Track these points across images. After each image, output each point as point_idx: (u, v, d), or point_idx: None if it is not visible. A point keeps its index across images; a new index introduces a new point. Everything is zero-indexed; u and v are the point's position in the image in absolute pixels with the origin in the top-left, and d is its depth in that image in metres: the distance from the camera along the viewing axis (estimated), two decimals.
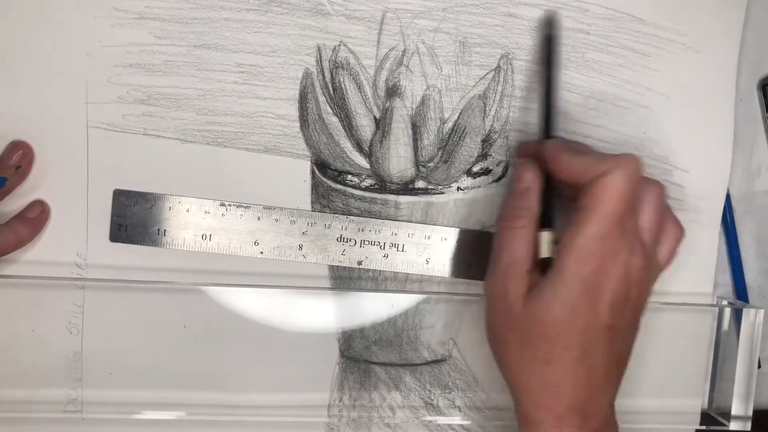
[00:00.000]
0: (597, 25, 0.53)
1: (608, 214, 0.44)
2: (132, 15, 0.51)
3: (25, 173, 0.51)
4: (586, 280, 0.44)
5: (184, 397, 0.54)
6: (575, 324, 0.45)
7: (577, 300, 0.45)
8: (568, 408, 0.46)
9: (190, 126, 0.52)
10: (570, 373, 0.45)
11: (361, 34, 0.52)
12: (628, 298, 0.46)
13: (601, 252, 0.44)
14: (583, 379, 0.46)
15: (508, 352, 0.47)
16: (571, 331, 0.45)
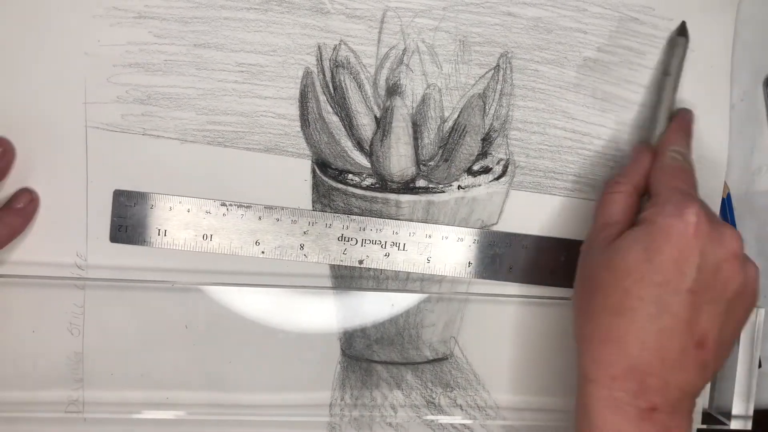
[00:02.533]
0: (594, 24, 0.53)
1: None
2: (131, 14, 0.50)
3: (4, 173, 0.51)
4: (673, 231, 0.43)
5: (185, 397, 0.54)
6: (653, 276, 0.43)
7: (659, 249, 0.43)
8: (627, 369, 0.43)
9: (190, 126, 0.52)
10: (638, 330, 0.43)
11: (361, 33, 0.52)
12: (718, 275, 0.44)
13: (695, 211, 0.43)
14: (652, 342, 0.43)
15: (580, 300, 0.46)
16: (648, 283, 0.43)
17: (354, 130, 0.53)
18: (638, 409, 0.43)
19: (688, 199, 0.45)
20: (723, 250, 0.44)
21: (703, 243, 0.43)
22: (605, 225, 0.47)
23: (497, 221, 0.54)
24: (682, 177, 0.48)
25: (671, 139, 0.50)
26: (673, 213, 0.44)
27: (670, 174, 0.48)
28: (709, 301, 0.44)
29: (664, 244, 0.43)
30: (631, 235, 0.45)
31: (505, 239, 0.54)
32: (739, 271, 0.44)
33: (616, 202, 0.48)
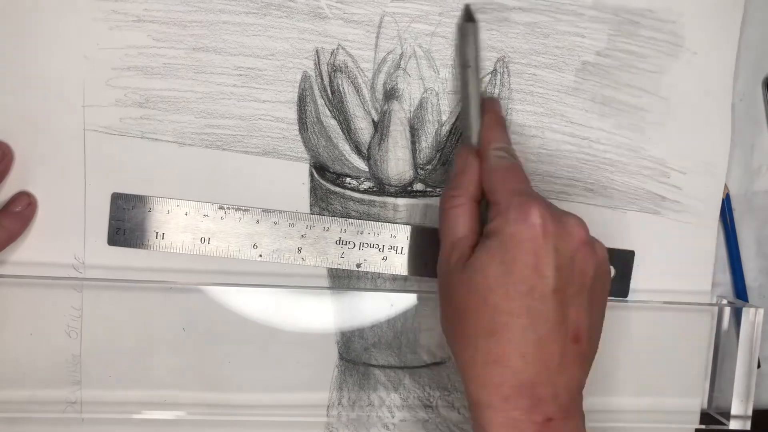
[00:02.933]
0: (593, 28, 0.53)
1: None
2: (130, 18, 0.51)
3: (2, 176, 0.51)
4: (524, 238, 0.43)
5: (183, 398, 0.54)
6: (517, 287, 0.42)
7: (515, 259, 0.43)
8: (516, 387, 0.43)
9: (189, 129, 0.52)
10: (516, 344, 0.42)
11: (359, 37, 0.52)
12: (575, 267, 0.44)
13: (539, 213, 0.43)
14: (533, 353, 0.42)
15: (452, 327, 0.45)
16: (513, 295, 0.42)
17: (352, 134, 0.53)
18: (534, 423, 0.43)
19: (527, 200, 0.44)
20: (572, 241, 0.44)
21: (554, 241, 0.43)
22: (454, 243, 0.46)
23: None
24: (513, 176, 0.47)
25: (489, 137, 0.49)
26: (518, 219, 0.43)
27: (501, 176, 0.47)
28: (573, 294, 0.44)
29: (518, 254, 0.43)
30: (484, 252, 0.44)
31: None
32: (591, 255, 0.44)
33: (458, 216, 0.47)
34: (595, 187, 0.55)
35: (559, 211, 0.45)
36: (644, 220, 0.55)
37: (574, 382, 0.44)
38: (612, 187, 0.55)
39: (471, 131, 0.50)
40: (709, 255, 0.56)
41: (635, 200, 0.55)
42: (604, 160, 0.55)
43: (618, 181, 0.55)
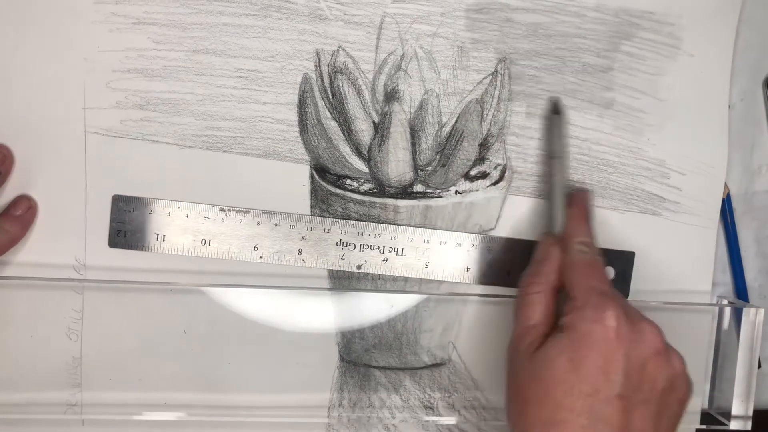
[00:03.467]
0: (594, 29, 0.53)
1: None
2: (130, 20, 0.51)
3: (3, 179, 0.51)
4: (596, 339, 0.44)
5: (184, 399, 0.54)
6: (581, 386, 0.43)
7: (584, 359, 0.43)
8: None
9: (189, 131, 0.52)
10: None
11: (359, 38, 0.52)
12: (645, 375, 0.44)
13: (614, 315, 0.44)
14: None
15: (514, 410, 0.46)
16: (577, 394, 0.43)
17: (352, 136, 0.53)
18: None
19: (605, 300, 0.45)
20: (645, 348, 0.44)
21: (626, 345, 0.44)
22: (527, 329, 0.47)
23: (495, 226, 0.54)
24: (593, 273, 0.48)
25: (573, 230, 0.50)
26: (593, 318, 0.44)
27: (581, 271, 0.48)
28: (639, 402, 0.44)
29: (588, 353, 0.43)
30: (555, 345, 0.45)
31: (503, 244, 0.54)
32: (664, 366, 0.45)
33: (534, 303, 0.48)
34: (595, 188, 0.55)
35: (636, 316, 0.45)
36: (644, 221, 0.56)
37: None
38: (611, 188, 0.55)
39: (555, 220, 0.51)
40: (709, 255, 0.56)
41: (635, 201, 0.55)
42: (604, 161, 0.55)
43: (617, 182, 0.55)
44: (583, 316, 0.45)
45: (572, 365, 0.43)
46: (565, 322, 0.45)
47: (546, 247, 0.50)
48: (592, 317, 0.44)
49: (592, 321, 0.44)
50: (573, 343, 0.44)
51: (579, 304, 0.45)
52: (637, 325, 0.45)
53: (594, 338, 0.44)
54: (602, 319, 0.44)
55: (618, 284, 0.55)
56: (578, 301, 0.46)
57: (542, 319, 0.47)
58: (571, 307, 0.46)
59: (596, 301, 0.45)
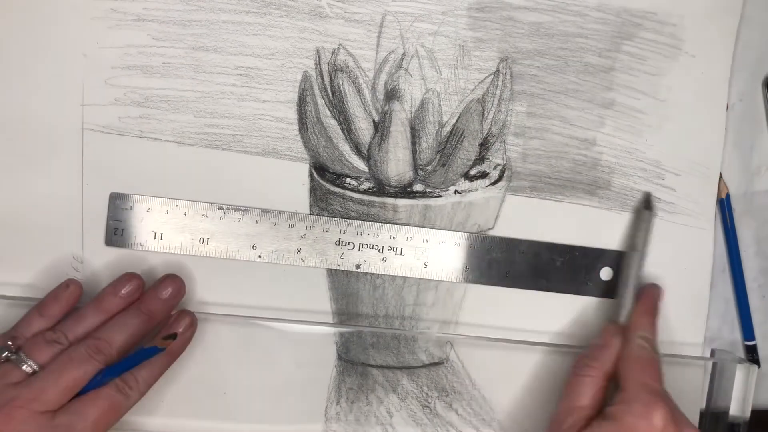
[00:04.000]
0: (595, 29, 0.53)
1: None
2: (130, 16, 0.50)
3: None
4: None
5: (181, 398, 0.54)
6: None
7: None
8: None
9: (188, 129, 0.52)
10: None
11: (360, 37, 0.52)
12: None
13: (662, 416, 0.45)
14: None
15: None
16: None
17: (352, 134, 0.52)
18: None
19: (655, 399, 0.45)
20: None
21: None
22: (572, 409, 0.48)
23: (494, 226, 0.54)
24: (650, 370, 0.48)
25: (638, 324, 0.51)
26: (641, 414, 0.45)
27: (638, 366, 0.48)
28: None
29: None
30: (599, 427, 0.45)
31: (501, 244, 0.54)
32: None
33: (586, 385, 0.49)
34: (592, 188, 0.55)
35: (683, 421, 0.46)
36: None
37: None
38: (609, 189, 0.55)
39: (623, 311, 0.52)
40: (705, 257, 0.56)
41: (631, 201, 0.55)
42: (602, 161, 0.55)
43: (615, 183, 0.55)
44: (631, 409, 0.45)
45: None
46: (612, 412, 0.46)
47: (608, 334, 0.51)
48: (639, 412, 0.45)
49: (640, 416, 0.45)
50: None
51: (629, 397, 0.46)
52: (682, 429, 0.45)
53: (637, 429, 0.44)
54: (650, 416, 0.45)
55: (616, 285, 0.55)
56: (629, 394, 0.46)
57: (590, 403, 0.48)
58: (621, 399, 0.46)
59: (647, 398, 0.46)
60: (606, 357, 0.50)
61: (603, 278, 0.55)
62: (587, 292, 0.55)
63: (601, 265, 0.55)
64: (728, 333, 0.58)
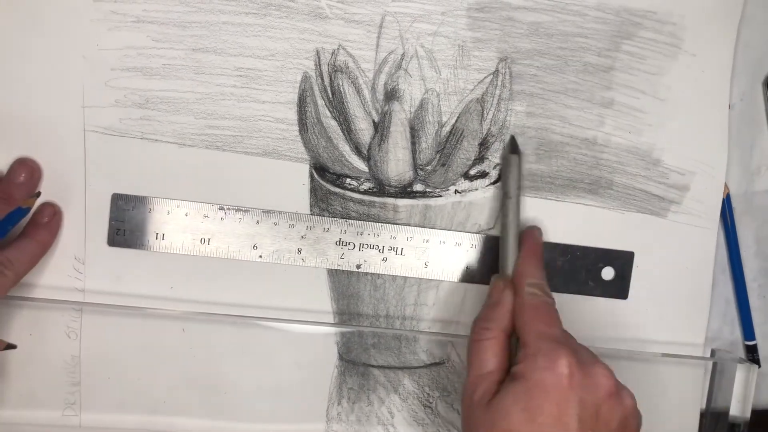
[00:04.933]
0: (595, 29, 0.53)
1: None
2: (130, 18, 0.50)
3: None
4: (549, 387, 0.43)
5: (183, 397, 0.54)
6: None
7: (539, 408, 0.43)
8: None
9: (189, 130, 0.52)
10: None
11: (360, 37, 0.52)
12: (600, 418, 0.44)
13: (567, 362, 0.44)
14: None
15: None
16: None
17: (352, 135, 0.53)
18: None
19: (557, 347, 0.45)
20: (599, 392, 0.44)
21: (579, 392, 0.43)
22: (480, 378, 0.46)
23: (494, 226, 0.54)
24: (545, 317, 0.48)
25: (524, 271, 0.50)
26: (545, 366, 0.44)
27: (532, 315, 0.47)
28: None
29: (542, 402, 0.43)
30: (508, 395, 0.44)
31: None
32: (617, 407, 0.45)
33: (488, 349, 0.47)
34: (594, 188, 0.55)
35: (588, 360, 0.45)
36: (643, 221, 0.55)
37: None
38: (611, 188, 0.55)
39: (507, 261, 0.51)
40: (708, 256, 0.56)
41: (634, 201, 0.55)
42: (603, 161, 0.55)
43: (617, 182, 0.55)
44: (535, 364, 0.44)
45: (527, 415, 0.43)
46: (518, 371, 0.45)
47: (497, 290, 0.50)
48: (544, 365, 0.44)
49: (545, 369, 0.44)
50: (527, 393, 0.44)
51: (531, 352, 0.45)
52: (589, 369, 0.44)
53: (547, 387, 0.43)
54: (554, 367, 0.44)
55: (617, 284, 0.55)
56: (530, 348, 0.45)
57: (496, 366, 0.47)
58: (524, 355, 0.45)
59: (547, 348, 0.45)
60: (500, 314, 0.48)
61: (604, 278, 0.55)
62: (588, 291, 0.55)
63: (603, 265, 0.55)
64: (728, 333, 0.58)
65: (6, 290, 0.48)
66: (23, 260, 0.49)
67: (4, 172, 0.50)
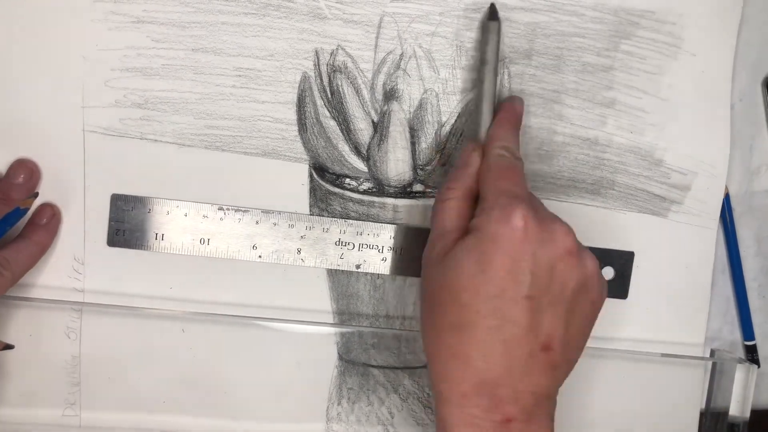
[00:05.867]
0: (593, 29, 0.53)
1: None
2: (129, 19, 0.51)
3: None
4: (502, 239, 0.42)
5: (183, 398, 0.54)
6: (488, 287, 0.42)
7: (491, 260, 0.42)
8: (476, 385, 0.42)
9: (188, 130, 0.52)
10: (480, 344, 0.42)
11: (358, 38, 0.52)
12: (555, 275, 0.43)
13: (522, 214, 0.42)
14: (496, 354, 0.42)
15: (424, 316, 0.45)
16: (483, 296, 0.42)
17: (351, 135, 0.53)
18: (493, 422, 0.42)
19: (513, 201, 0.43)
20: (555, 249, 0.43)
21: (534, 246, 0.42)
22: (440, 235, 0.46)
23: None
24: (509, 175, 0.46)
25: (496, 135, 0.49)
26: (500, 219, 0.42)
27: (497, 174, 0.46)
28: (548, 303, 0.43)
29: (494, 254, 0.42)
30: (462, 247, 0.43)
31: None
32: (575, 267, 0.43)
33: (450, 209, 0.46)
34: (595, 188, 0.55)
35: (548, 217, 0.44)
36: (644, 221, 0.55)
37: (540, 387, 0.43)
38: (612, 188, 0.55)
39: (481, 128, 0.50)
40: (708, 256, 0.56)
41: (635, 201, 0.55)
42: (604, 161, 0.55)
43: (618, 182, 0.55)
44: (490, 217, 0.43)
45: (479, 267, 0.42)
46: (473, 224, 0.44)
47: (466, 152, 0.48)
48: (498, 218, 0.43)
49: (499, 222, 0.42)
50: (480, 245, 0.42)
51: (487, 206, 0.44)
52: (547, 225, 0.43)
53: (501, 239, 0.42)
54: (509, 219, 0.42)
55: (618, 284, 0.55)
56: (488, 203, 0.44)
57: (456, 225, 0.46)
58: (480, 210, 0.44)
59: (505, 202, 0.43)
60: (465, 175, 0.47)
61: (605, 278, 0.55)
62: None
63: (603, 265, 0.55)
64: (728, 333, 0.58)
65: (4, 290, 0.48)
66: (21, 261, 0.49)
67: (3, 172, 0.51)
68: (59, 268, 0.52)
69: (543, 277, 0.42)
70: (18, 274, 0.49)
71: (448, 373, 0.43)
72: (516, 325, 0.42)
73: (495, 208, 0.43)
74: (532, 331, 0.42)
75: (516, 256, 0.42)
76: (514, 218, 0.42)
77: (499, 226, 0.42)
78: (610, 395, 0.56)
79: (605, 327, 0.55)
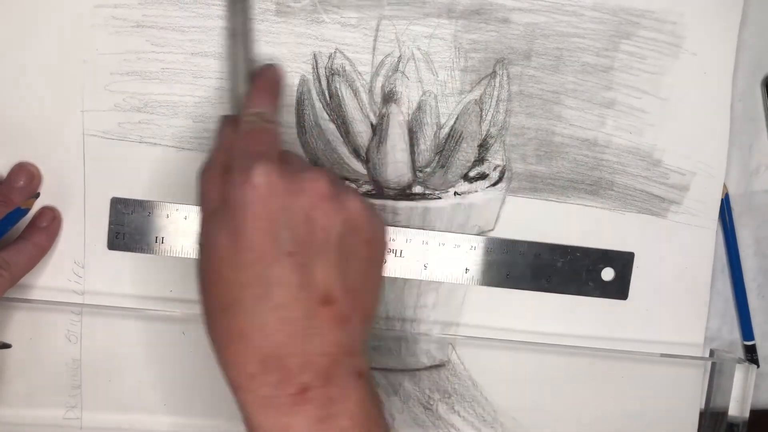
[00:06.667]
0: (593, 29, 0.53)
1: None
2: (129, 23, 0.51)
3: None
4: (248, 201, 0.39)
5: (184, 400, 0.54)
6: (245, 255, 0.39)
7: (242, 226, 0.39)
8: (260, 363, 0.39)
9: (187, 133, 0.52)
10: (253, 317, 0.39)
11: (356, 41, 0.52)
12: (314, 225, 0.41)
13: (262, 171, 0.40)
14: (272, 323, 0.39)
15: (201, 307, 0.42)
16: (242, 264, 0.39)
17: (350, 137, 0.53)
18: (289, 396, 0.39)
19: (252, 160, 0.40)
20: (308, 197, 0.41)
21: (284, 200, 0.40)
22: (204, 218, 0.43)
23: (494, 227, 0.54)
24: (256, 140, 0.44)
25: (248, 103, 0.46)
26: (241, 182, 0.40)
27: (243, 142, 0.43)
28: (315, 254, 0.40)
29: (242, 220, 0.39)
30: (212, 221, 0.41)
31: (502, 245, 0.54)
32: (336, 211, 0.41)
33: (207, 191, 0.43)
34: (594, 188, 0.55)
35: (295, 167, 0.42)
36: (644, 221, 0.55)
37: (332, 347, 0.40)
38: (611, 189, 0.55)
39: (235, 101, 0.49)
40: (708, 256, 0.56)
41: (634, 202, 0.55)
42: (604, 162, 0.55)
43: (617, 183, 0.55)
44: (232, 182, 0.40)
45: (231, 237, 0.40)
46: (219, 195, 0.41)
47: (218, 127, 0.47)
48: (238, 181, 0.40)
49: (241, 185, 0.40)
50: (227, 213, 0.40)
51: (230, 172, 0.41)
52: (294, 176, 0.41)
53: (246, 201, 0.40)
54: (249, 179, 0.40)
55: (618, 284, 0.55)
56: (231, 170, 0.41)
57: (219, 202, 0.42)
58: (224, 179, 0.42)
59: (243, 163, 0.41)
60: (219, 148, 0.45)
61: (604, 278, 0.55)
62: (589, 292, 0.55)
63: (603, 266, 0.55)
64: (727, 333, 0.58)
65: (2, 291, 0.48)
66: (20, 262, 0.49)
67: (4, 176, 0.51)
68: (60, 271, 0.52)
69: (300, 229, 0.40)
70: (17, 276, 0.49)
71: (232, 358, 0.40)
72: (284, 286, 0.40)
73: (235, 172, 0.41)
74: (304, 289, 0.40)
75: (267, 216, 0.40)
76: (254, 177, 0.40)
77: (241, 189, 0.40)
78: (610, 395, 0.56)
79: (605, 327, 0.56)
